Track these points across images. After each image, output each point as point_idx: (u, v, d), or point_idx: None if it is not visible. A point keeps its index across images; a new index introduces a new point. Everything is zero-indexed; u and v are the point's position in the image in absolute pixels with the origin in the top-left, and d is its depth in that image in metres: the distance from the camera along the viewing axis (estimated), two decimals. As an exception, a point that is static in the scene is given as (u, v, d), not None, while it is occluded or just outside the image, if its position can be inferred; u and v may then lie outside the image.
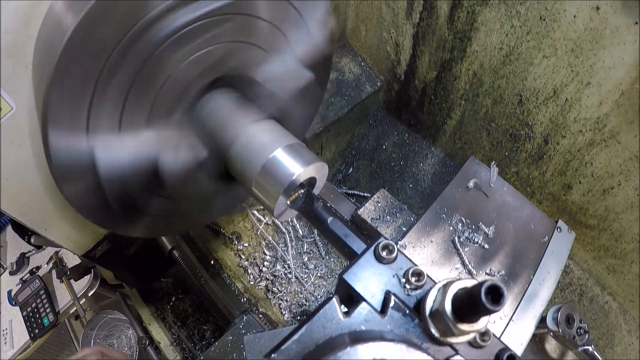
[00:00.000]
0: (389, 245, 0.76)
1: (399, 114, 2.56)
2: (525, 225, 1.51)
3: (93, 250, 1.44)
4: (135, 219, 1.22)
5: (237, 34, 1.06)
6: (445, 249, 1.43)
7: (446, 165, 2.41)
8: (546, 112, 1.75)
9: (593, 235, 1.89)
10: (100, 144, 0.95)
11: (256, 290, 1.71)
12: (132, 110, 0.97)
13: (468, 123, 2.15)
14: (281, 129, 1.08)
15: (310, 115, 1.53)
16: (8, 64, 0.87)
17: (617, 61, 1.43)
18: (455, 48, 1.94)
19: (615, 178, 1.66)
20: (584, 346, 1.46)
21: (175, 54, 0.96)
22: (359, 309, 0.71)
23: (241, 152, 1.03)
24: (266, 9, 1.08)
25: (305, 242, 1.81)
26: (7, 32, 0.84)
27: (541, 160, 1.90)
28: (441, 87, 2.15)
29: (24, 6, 0.84)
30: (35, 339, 2.15)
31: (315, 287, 1.73)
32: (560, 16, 1.49)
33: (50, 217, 1.19)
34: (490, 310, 0.57)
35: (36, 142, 0.98)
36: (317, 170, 1.02)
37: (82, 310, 2.20)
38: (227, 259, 1.78)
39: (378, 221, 1.54)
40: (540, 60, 1.65)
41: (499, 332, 1.30)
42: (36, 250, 2.43)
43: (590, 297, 2.00)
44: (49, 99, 0.83)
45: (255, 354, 0.79)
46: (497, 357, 0.71)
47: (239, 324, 1.47)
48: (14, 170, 1.01)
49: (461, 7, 1.79)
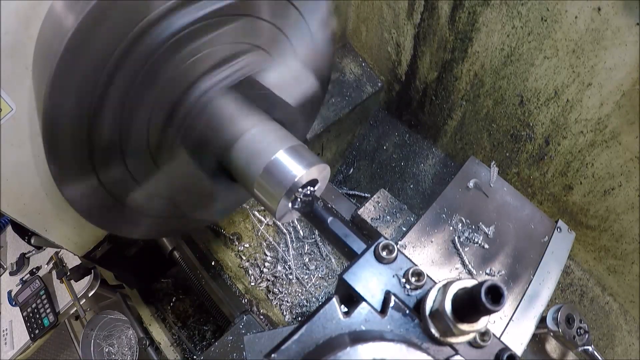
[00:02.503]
0: (389, 245, 0.76)
1: (399, 115, 2.56)
2: (525, 225, 1.51)
3: (93, 251, 1.44)
4: (136, 220, 1.22)
5: (239, 35, 1.06)
6: (445, 249, 1.42)
7: (447, 165, 2.41)
8: (547, 112, 1.75)
9: (594, 236, 1.89)
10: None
11: (257, 291, 1.71)
12: (134, 110, 0.97)
13: (469, 124, 2.15)
14: (283, 131, 1.08)
15: (311, 116, 1.53)
16: (8, 64, 0.87)
17: (618, 62, 1.43)
18: (456, 49, 1.94)
19: (616, 179, 1.66)
20: (584, 346, 1.46)
21: (177, 55, 0.96)
22: (359, 309, 0.71)
23: (243, 153, 1.02)
24: (268, 10, 1.07)
25: (306, 243, 1.81)
26: (7, 32, 0.83)
27: (542, 161, 1.90)
28: (442, 87, 2.15)
29: (24, 7, 0.83)
30: (35, 340, 2.15)
31: (316, 288, 1.72)
32: (562, 17, 1.49)
33: (50, 218, 1.19)
34: (490, 310, 0.57)
35: (37, 143, 0.98)
36: (319, 172, 1.02)
37: (82, 310, 2.20)
38: (228, 259, 1.78)
39: (378, 221, 1.54)
40: (541, 61, 1.65)
41: (499, 332, 1.30)
42: (36, 251, 2.44)
43: (590, 298, 2.00)
44: (50, 101, 0.82)
45: (255, 354, 0.79)
46: (497, 357, 0.71)
47: (239, 324, 1.47)
48: (14, 171, 1.01)
49: (462, 8, 1.79)
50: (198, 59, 1.00)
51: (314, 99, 1.35)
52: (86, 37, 0.80)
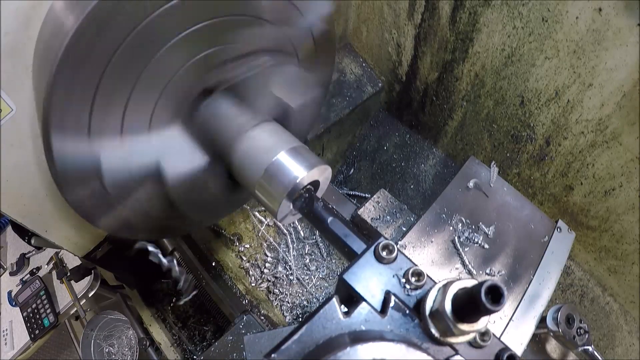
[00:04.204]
0: (389, 245, 0.76)
1: (400, 115, 2.56)
2: (525, 225, 1.51)
3: (94, 252, 1.44)
4: (137, 221, 1.22)
5: (240, 36, 1.06)
6: (445, 249, 1.42)
7: (447, 166, 2.41)
8: (548, 113, 1.75)
9: (594, 237, 1.89)
10: (103, 148, 0.94)
11: (257, 292, 1.71)
12: (134, 113, 0.96)
13: (470, 124, 2.15)
14: (284, 132, 1.08)
15: (312, 117, 1.53)
16: (8, 65, 0.87)
17: (619, 63, 1.43)
18: (457, 49, 1.94)
19: (616, 179, 1.66)
20: (584, 346, 1.46)
21: (179, 56, 0.96)
22: (359, 309, 0.70)
23: (244, 155, 1.02)
24: (270, 11, 1.07)
25: (307, 243, 1.81)
26: (7, 33, 0.83)
27: (543, 161, 1.90)
28: (443, 88, 2.15)
29: (24, 7, 0.83)
30: (35, 340, 2.15)
31: (316, 288, 1.72)
32: (563, 17, 1.49)
33: (50, 219, 1.19)
34: (491, 310, 0.57)
35: (37, 144, 0.98)
36: (320, 173, 1.02)
37: (82, 310, 2.20)
38: (229, 260, 1.78)
39: (378, 221, 1.54)
40: (542, 62, 1.65)
41: (499, 332, 1.30)
42: (36, 251, 2.43)
43: (591, 298, 2.00)
44: (50, 102, 0.82)
45: (255, 354, 0.79)
46: (497, 357, 0.71)
47: (239, 324, 1.47)
48: (14, 172, 1.01)
49: (463, 8, 1.79)
50: (199, 60, 1.00)
51: (315, 99, 1.35)
52: (87, 38, 0.79)
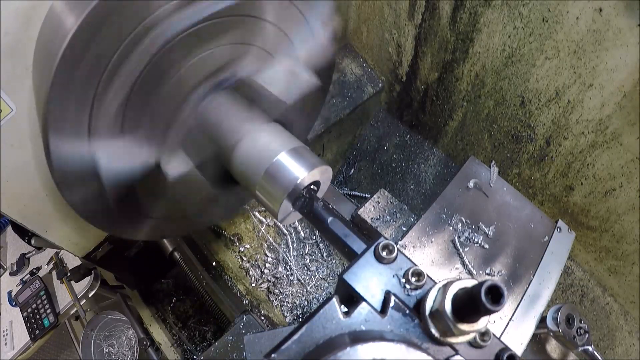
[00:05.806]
0: (389, 245, 0.76)
1: (400, 115, 2.56)
2: (525, 225, 1.51)
3: (94, 252, 1.44)
4: (138, 222, 1.22)
5: (241, 36, 1.06)
6: (445, 249, 1.42)
7: (448, 166, 2.41)
8: (548, 113, 1.75)
9: (594, 237, 1.89)
10: (102, 148, 0.94)
11: (258, 292, 1.71)
12: (134, 113, 0.96)
13: (470, 124, 2.15)
14: (285, 132, 1.08)
15: (313, 117, 1.53)
16: (8, 65, 0.87)
17: (619, 63, 1.43)
18: (458, 49, 1.94)
19: (617, 180, 1.66)
20: (584, 346, 1.46)
21: (179, 56, 0.95)
22: (359, 309, 0.70)
23: (245, 155, 1.02)
24: (271, 11, 1.07)
25: (307, 243, 1.81)
26: (7, 33, 0.83)
27: (543, 161, 1.90)
28: (443, 88, 2.15)
29: (24, 7, 0.83)
30: (35, 340, 2.15)
31: (317, 288, 1.72)
32: (563, 18, 1.49)
33: (50, 219, 1.19)
34: (491, 310, 0.57)
35: (37, 144, 0.98)
36: (321, 173, 1.01)
37: (82, 311, 2.20)
38: (229, 260, 1.78)
39: (378, 221, 1.54)
40: (542, 62, 1.65)
41: (499, 332, 1.29)
42: (36, 251, 2.43)
43: (591, 299, 2.00)
44: (50, 102, 0.82)
45: (255, 354, 0.79)
46: (497, 357, 0.71)
47: (239, 323, 1.47)
48: (14, 173, 1.01)
49: (463, 9, 1.79)
50: (199, 60, 1.00)
51: (315, 100, 1.35)
52: (86, 38, 0.79)
